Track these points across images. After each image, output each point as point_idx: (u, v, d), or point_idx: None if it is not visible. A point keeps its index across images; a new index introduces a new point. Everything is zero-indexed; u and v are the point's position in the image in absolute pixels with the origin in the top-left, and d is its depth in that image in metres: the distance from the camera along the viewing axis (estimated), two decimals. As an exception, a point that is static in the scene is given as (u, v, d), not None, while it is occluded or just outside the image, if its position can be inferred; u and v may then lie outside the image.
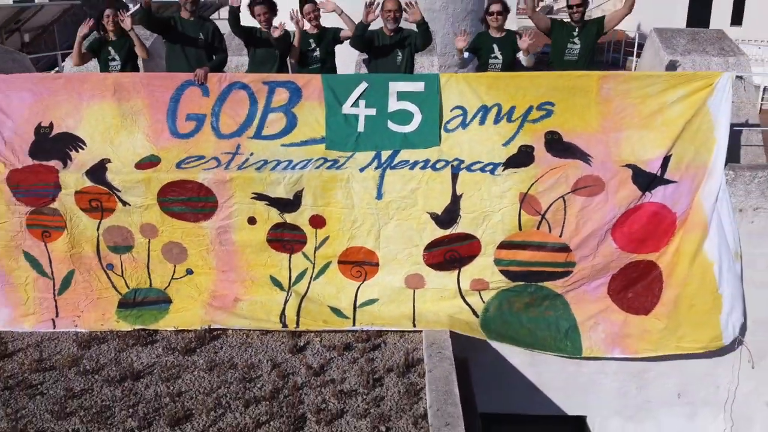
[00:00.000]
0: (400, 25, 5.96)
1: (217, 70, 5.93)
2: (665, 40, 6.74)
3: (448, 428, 4.01)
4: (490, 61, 5.85)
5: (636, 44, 17.00)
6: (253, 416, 4.38)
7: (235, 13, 5.79)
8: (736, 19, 24.94)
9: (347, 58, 6.73)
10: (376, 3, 5.79)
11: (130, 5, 6.50)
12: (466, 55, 5.96)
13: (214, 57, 6.05)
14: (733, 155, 6.05)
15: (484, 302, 5.51)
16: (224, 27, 6.26)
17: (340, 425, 4.27)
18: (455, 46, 5.95)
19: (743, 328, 5.59)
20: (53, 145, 5.57)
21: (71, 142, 5.57)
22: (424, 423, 4.23)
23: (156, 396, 4.64)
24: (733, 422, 6.15)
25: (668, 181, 5.20)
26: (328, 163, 5.42)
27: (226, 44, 6.31)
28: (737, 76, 5.84)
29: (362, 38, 5.84)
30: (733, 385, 5.96)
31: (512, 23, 28.24)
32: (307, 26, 6.02)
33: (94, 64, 6.31)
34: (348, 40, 6.02)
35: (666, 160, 5.19)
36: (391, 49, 6.00)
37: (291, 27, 5.92)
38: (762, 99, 14.40)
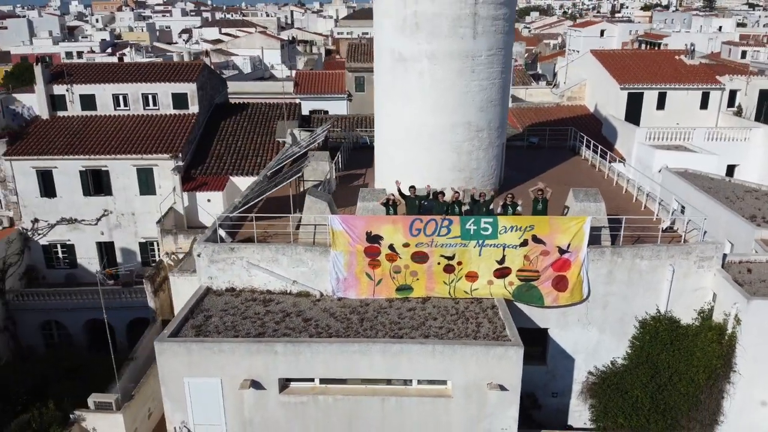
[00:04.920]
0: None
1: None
2: (576, 194, 18.46)
3: (508, 320, 15.85)
4: (507, 212, 17.64)
5: (585, 140, 29.08)
6: (449, 319, 16.26)
7: (431, 195, 17.71)
8: (660, 105, 37.09)
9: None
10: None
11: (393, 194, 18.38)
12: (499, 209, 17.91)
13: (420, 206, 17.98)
14: (598, 238, 17.92)
15: (512, 288, 17.35)
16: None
17: (476, 319, 16.16)
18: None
19: (589, 294, 17.52)
20: (373, 238, 17.33)
21: (380, 238, 17.33)
22: (500, 320, 16.08)
23: (417, 313, 16.54)
24: (602, 332, 18.01)
25: (569, 251, 17.07)
26: (462, 244, 17.20)
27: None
28: (591, 218, 17.57)
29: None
30: (596, 316, 17.88)
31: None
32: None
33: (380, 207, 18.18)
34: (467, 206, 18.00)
35: (569, 245, 17.07)
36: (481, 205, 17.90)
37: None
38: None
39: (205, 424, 15.47)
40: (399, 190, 18.25)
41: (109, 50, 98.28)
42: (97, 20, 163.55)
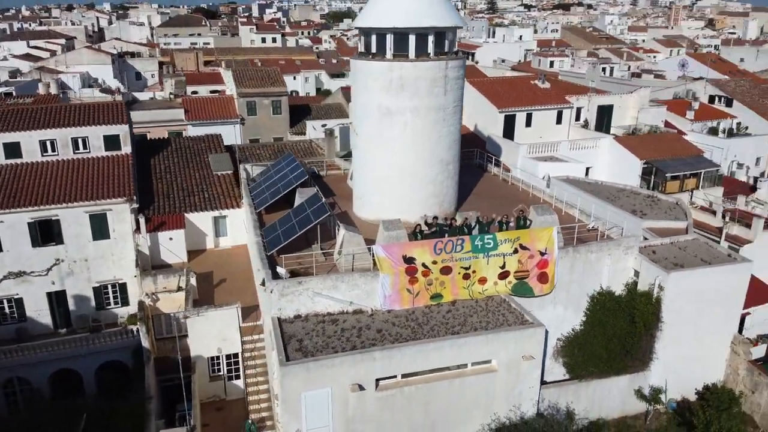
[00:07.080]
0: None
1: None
2: (536, 210, 24.88)
3: (523, 309, 21.74)
4: (503, 228, 23.60)
5: (493, 159, 36.14)
6: (481, 315, 21.74)
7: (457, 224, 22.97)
8: (528, 123, 45.80)
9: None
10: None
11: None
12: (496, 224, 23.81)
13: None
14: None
15: (511, 286, 23.32)
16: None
17: (499, 311, 21.84)
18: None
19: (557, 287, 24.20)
20: (408, 260, 22.13)
21: (413, 260, 22.16)
22: (515, 310, 21.94)
23: (454, 314, 21.77)
24: (566, 309, 24.68)
25: (546, 253, 23.46)
26: (474, 256, 22.75)
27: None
28: (557, 230, 24.12)
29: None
30: (562, 298, 24.56)
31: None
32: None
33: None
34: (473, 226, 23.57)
35: (546, 249, 23.45)
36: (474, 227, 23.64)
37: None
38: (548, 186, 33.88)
39: (316, 428, 19.16)
40: (426, 222, 23.17)
41: None
42: None
